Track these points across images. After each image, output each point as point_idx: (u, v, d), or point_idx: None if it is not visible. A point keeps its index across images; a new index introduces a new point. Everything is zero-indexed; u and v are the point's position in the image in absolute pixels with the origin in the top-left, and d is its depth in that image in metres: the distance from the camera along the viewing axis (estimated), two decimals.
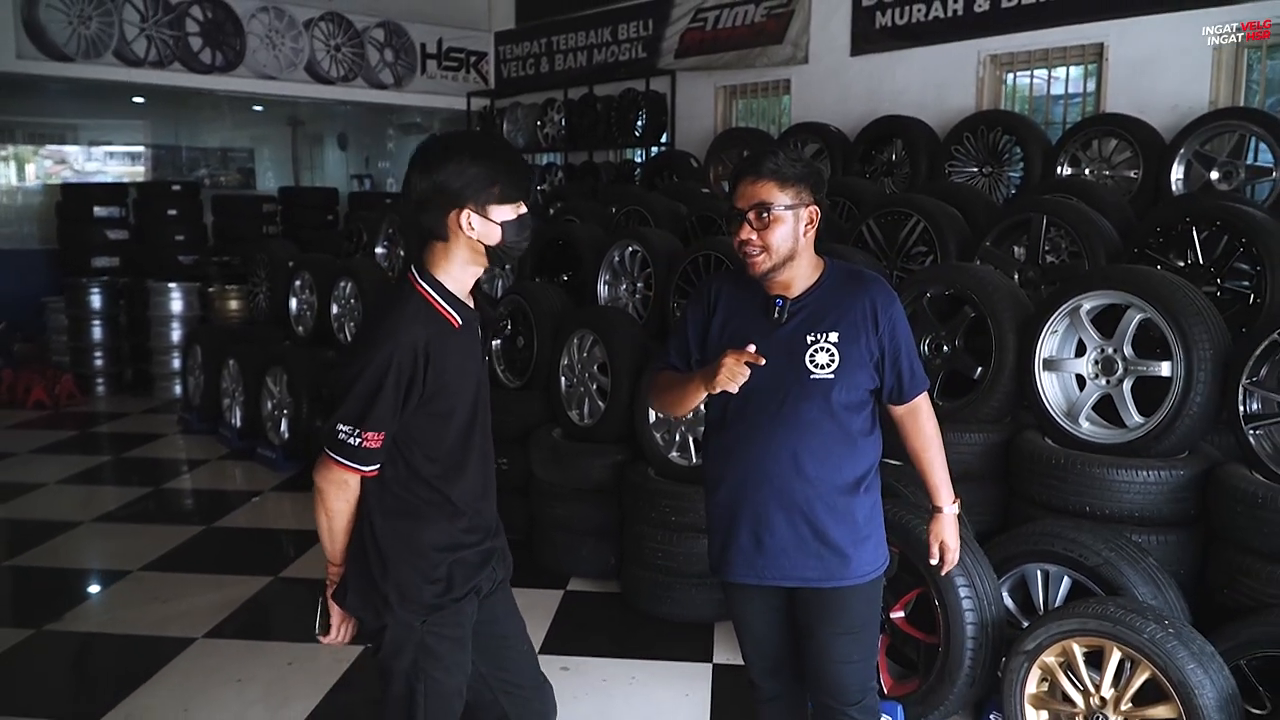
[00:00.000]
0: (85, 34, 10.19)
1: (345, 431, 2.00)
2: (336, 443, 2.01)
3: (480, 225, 2.01)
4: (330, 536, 2.13)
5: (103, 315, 9.37)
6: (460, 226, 2.00)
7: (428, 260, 2.08)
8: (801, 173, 2.24)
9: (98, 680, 3.80)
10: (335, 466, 2.04)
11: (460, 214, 1.99)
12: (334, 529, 2.12)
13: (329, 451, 2.03)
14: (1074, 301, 3.46)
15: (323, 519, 2.12)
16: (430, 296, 2.05)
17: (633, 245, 5.53)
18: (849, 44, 8.60)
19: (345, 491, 2.08)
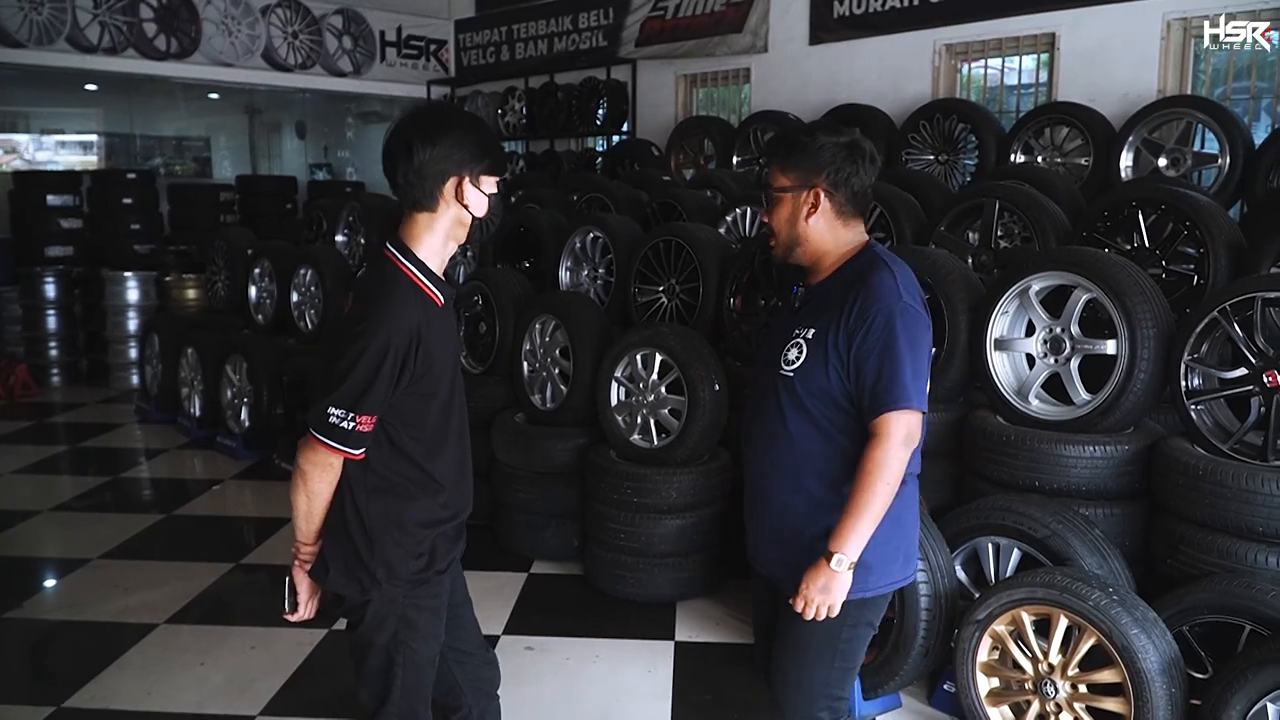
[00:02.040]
0: (37, 20, 10.00)
1: (338, 415, 1.97)
2: (327, 426, 1.98)
3: (473, 195, 2.06)
4: (308, 517, 2.11)
5: (57, 305, 9.23)
6: (453, 196, 2.04)
7: (406, 235, 2.08)
8: (803, 154, 2.15)
9: (60, 666, 3.78)
10: (323, 449, 2.01)
11: (459, 183, 2.03)
12: (313, 510, 2.10)
13: (318, 435, 2.00)
14: (1023, 283, 3.55)
15: (302, 500, 2.08)
16: (416, 277, 2.06)
17: (594, 231, 5.57)
18: (807, 33, 8.69)
19: (330, 474, 2.06)
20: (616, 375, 4.40)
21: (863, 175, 2.18)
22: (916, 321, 2.10)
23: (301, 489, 2.07)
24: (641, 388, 4.34)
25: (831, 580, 2.06)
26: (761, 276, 4.65)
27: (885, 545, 2.14)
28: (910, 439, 2.08)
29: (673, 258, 5.08)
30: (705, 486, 4.15)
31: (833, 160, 2.15)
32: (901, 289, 2.10)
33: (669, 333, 4.29)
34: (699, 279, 4.90)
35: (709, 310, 4.85)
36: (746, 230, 5.80)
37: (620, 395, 4.41)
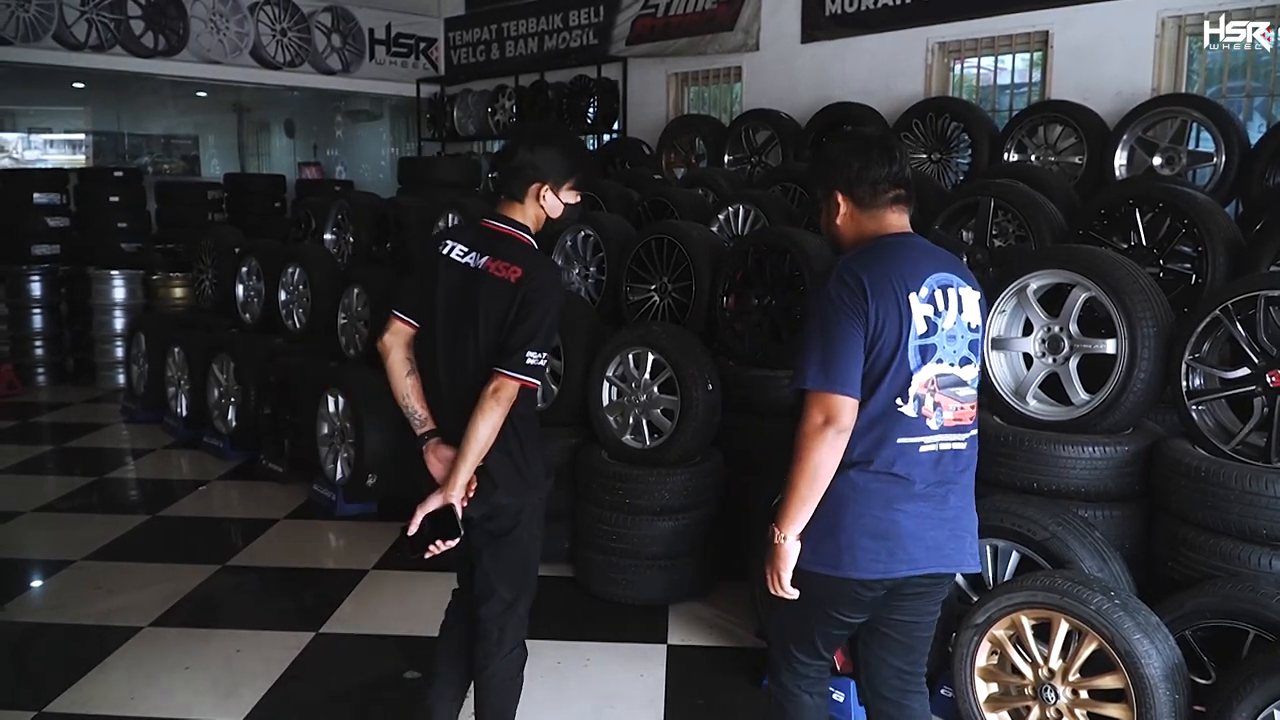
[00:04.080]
0: (24, 17, 9.94)
1: (535, 357, 2.45)
2: (527, 368, 2.45)
3: (550, 200, 2.58)
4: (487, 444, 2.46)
5: (43, 303, 9.12)
6: (536, 197, 2.57)
7: (508, 210, 2.59)
8: (820, 165, 2.37)
9: (43, 670, 3.70)
10: (516, 384, 2.45)
11: (540, 188, 2.55)
12: (491, 438, 2.47)
13: (519, 375, 2.44)
14: (1021, 281, 3.50)
15: (486, 431, 2.44)
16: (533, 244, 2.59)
17: (585, 230, 5.51)
18: (799, 31, 8.66)
19: (509, 406, 2.47)
20: (608, 375, 4.34)
21: (875, 167, 2.25)
22: (829, 305, 2.15)
23: (492, 421, 2.44)
24: (634, 387, 4.28)
25: (773, 552, 2.23)
26: (755, 275, 4.60)
27: (815, 527, 2.20)
28: (831, 421, 2.11)
29: (665, 256, 5.02)
30: (698, 487, 4.09)
31: (841, 163, 2.29)
32: (834, 277, 2.18)
33: (661, 332, 4.24)
34: (692, 278, 4.85)
35: (702, 309, 4.80)
36: (739, 229, 5.75)
37: (612, 395, 4.35)
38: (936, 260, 2.28)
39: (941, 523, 2.23)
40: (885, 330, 2.14)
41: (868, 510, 2.18)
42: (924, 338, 2.18)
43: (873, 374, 2.15)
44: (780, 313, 4.49)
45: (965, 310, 2.26)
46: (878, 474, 2.18)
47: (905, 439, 2.17)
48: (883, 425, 2.16)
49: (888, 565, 2.19)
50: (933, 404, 2.19)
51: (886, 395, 2.16)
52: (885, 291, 2.15)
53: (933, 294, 2.21)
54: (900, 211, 2.31)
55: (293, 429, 5.93)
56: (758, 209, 5.68)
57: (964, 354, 2.25)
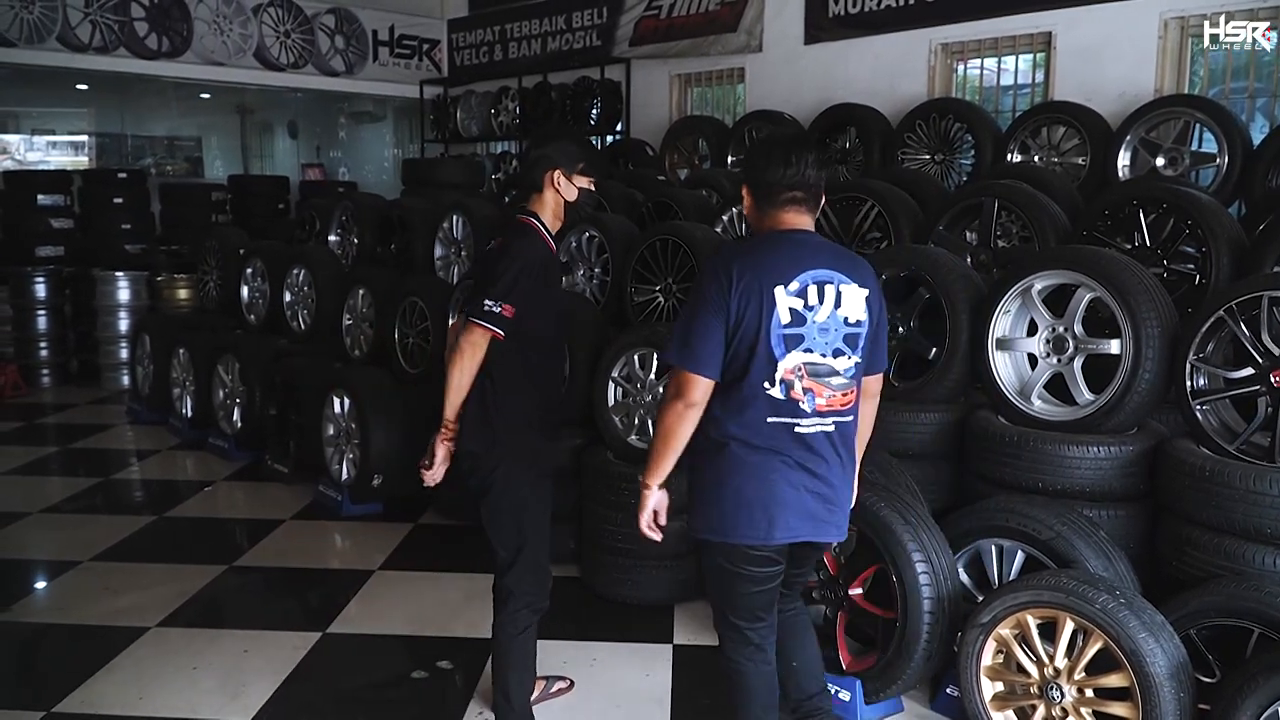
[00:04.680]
0: (28, 18, 9.95)
1: (491, 303, 2.78)
2: (483, 312, 2.78)
3: (564, 185, 2.95)
4: (458, 390, 2.85)
5: (48, 305, 9.14)
6: (552, 182, 2.93)
7: (530, 202, 2.99)
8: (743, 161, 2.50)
9: (49, 671, 3.71)
10: (478, 330, 2.80)
11: (554, 173, 2.93)
12: (462, 384, 2.85)
13: (476, 319, 2.78)
14: (1026, 282, 3.51)
15: (456, 374, 2.83)
16: (539, 228, 2.96)
17: (590, 231, 5.52)
18: (802, 33, 8.66)
19: (479, 353, 2.82)
20: (614, 375, 4.36)
21: (774, 169, 2.41)
22: (698, 295, 2.38)
23: (458, 363, 2.82)
24: (639, 388, 4.30)
25: (640, 499, 2.53)
26: None
27: (702, 498, 2.48)
28: (680, 395, 2.35)
29: (669, 257, 5.03)
30: None
31: (749, 162, 2.52)
32: (707, 270, 2.41)
33: (667, 333, 4.24)
34: None
35: None
36: (743, 230, 5.76)
37: (617, 395, 4.37)
38: (819, 257, 2.40)
39: (815, 495, 2.42)
40: (746, 320, 2.32)
41: (746, 483, 2.39)
42: (789, 328, 2.34)
43: (738, 359, 2.35)
44: None
45: (844, 305, 2.40)
46: (755, 449, 2.38)
47: (776, 419, 2.37)
48: (754, 406, 2.36)
49: (766, 533, 2.40)
50: (802, 389, 2.36)
51: (754, 379, 2.35)
52: (749, 284, 2.32)
53: (804, 288, 2.35)
54: (797, 211, 2.45)
55: (298, 430, 5.94)
56: None
57: (837, 345, 2.39)
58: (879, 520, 3.10)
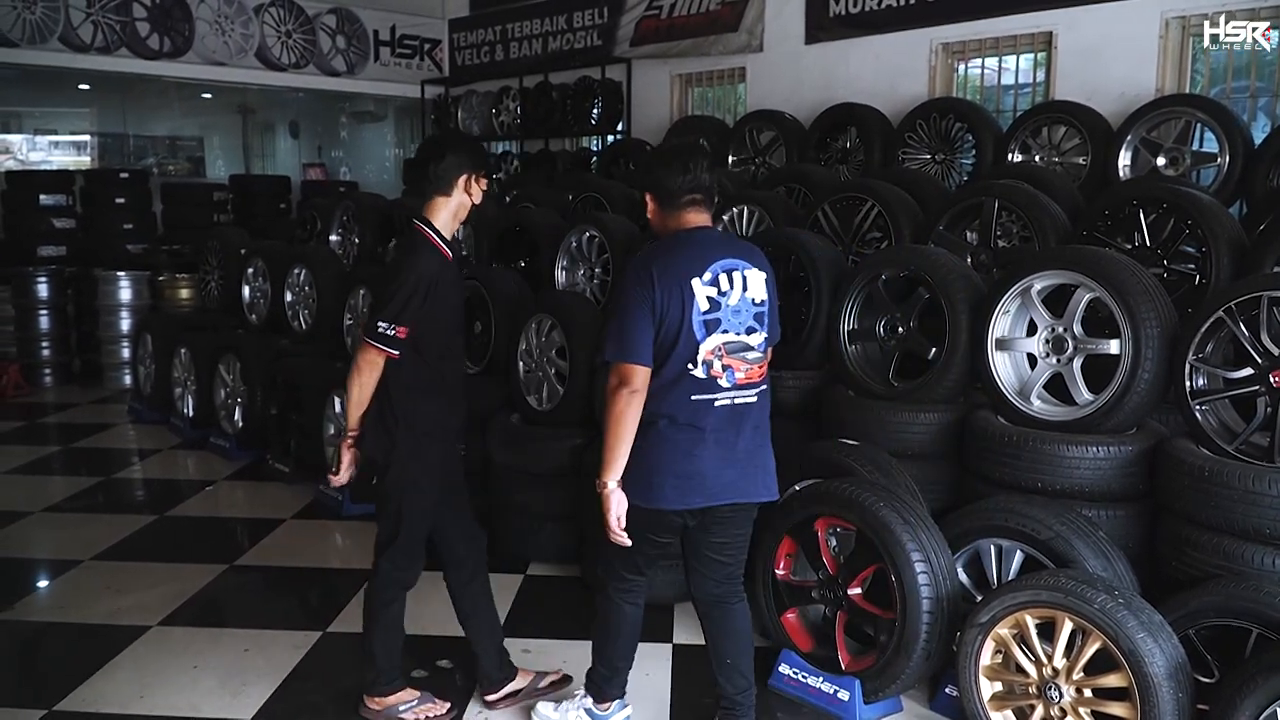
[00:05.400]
0: (30, 19, 9.96)
1: (384, 325, 2.90)
2: (378, 334, 2.91)
3: (475, 189, 3.08)
4: (358, 404, 3.02)
5: (50, 304, 9.15)
6: (464, 186, 3.05)
7: (428, 212, 3.06)
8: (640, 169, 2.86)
9: (51, 669, 3.72)
10: (373, 350, 2.94)
11: (469, 178, 3.05)
12: (362, 398, 3.01)
13: (370, 340, 2.92)
14: (1025, 282, 3.52)
15: (355, 389, 2.99)
16: (433, 239, 3.04)
17: (590, 231, 5.53)
18: (803, 32, 8.66)
19: (375, 371, 2.97)
20: None
21: (674, 176, 2.75)
22: (625, 294, 2.70)
23: (356, 380, 2.98)
24: None
25: (604, 500, 2.76)
26: None
27: (634, 470, 2.74)
28: (624, 384, 2.67)
29: None
30: None
31: (649, 169, 2.84)
32: (631, 271, 2.72)
33: None
34: None
35: None
36: (743, 230, 5.76)
37: None
38: (724, 249, 2.79)
39: (734, 463, 2.77)
40: (670, 311, 2.66)
41: (672, 456, 2.73)
42: (708, 314, 2.69)
43: (664, 347, 2.68)
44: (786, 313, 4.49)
45: (750, 288, 2.76)
46: (679, 425, 2.72)
47: (699, 396, 2.71)
48: (679, 387, 2.70)
49: (688, 499, 2.75)
50: (722, 366, 2.71)
51: (679, 362, 2.68)
52: (669, 280, 2.66)
53: (716, 277, 2.71)
54: (697, 211, 2.79)
55: (299, 429, 5.95)
56: (762, 210, 5.69)
57: (749, 324, 2.76)
58: (878, 520, 3.10)
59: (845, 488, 3.24)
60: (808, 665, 3.37)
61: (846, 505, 3.19)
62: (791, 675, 3.40)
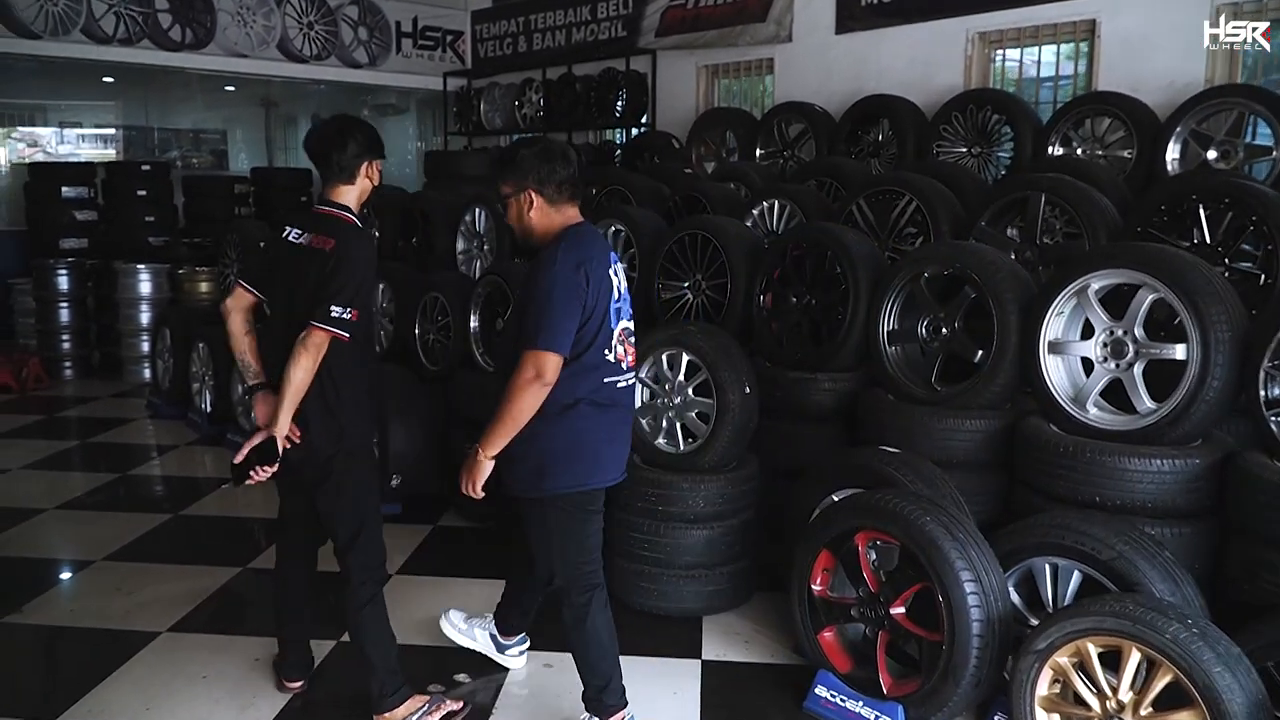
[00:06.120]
0: (53, 10, 9.90)
1: (338, 310, 2.89)
2: (332, 319, 2.89)
3: (374, 173, 3.13)
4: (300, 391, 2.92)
5: (70, 297, 9.09)
6: (366, 172, 3.11)
7: (334, 195, 3.09)
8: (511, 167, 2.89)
9: (57, 676, 3.59)
10: (323, 335, 2.89)
11: (369, 164, 3.11)
12: (306, 385, 2.93)
13: (322, 324, 2.88)
14: (1082, 281, 3.30)
15: (300, 376, 2.90)
16: (354, 221, 3.09)
17: (616, 225, 5.36)
18: (833, 22, 8.45)
19: (320, 355, 2.91)
20: (640, 376, 4.17)
21: (559, 170, 2.88)
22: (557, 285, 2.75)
23: (303, 366, 2.89)
24: (667, 389, 4.12)
25: (475, 466, 2.85)
26: (793, 273, 4.42)
27: (564, 455, 2.86)
28: (540, 375, 2.73)
29: (699, 253, 4.86)
30: (734, 495, 3.92)
31: (532, 166, 2.87)
32: (560, 262, 2.78)
33: (696, 332, 4.07)
34: (727, 275, 4.67)
35: (737, 308, 4.63)
36: (773, 225, 5.57)
37: (644, 397, 4.19)
38: (605, 241, 3.06)
39: (627, 439, 3.05)
40: (598, 300, 2.82)
41: (600, 432, 2.90)
42: (617, 302, 2.91)
43: (588, 333, 2.81)
44: (820, 313, 4.31)
45: (623, 278, 3.00)
46: (600, 405, 2.88)
47: (610, 378, 2.90)
48: (599, 370, 2.86)
49: (619, 470, 3.01)
50: (623, 350, 2.94)
51: (599, 347, 2.85)
52: (597, 271, 2.82)
53: (613, 266, 2.93)
54: (574, 204, 2.96)
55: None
56: (793, 204, 5.50)
57: (630, 311, 3.01)
58: (924, 535, 2.90)
59: (888, 500, 3.05)
60: (846, 688, 3.17)
61: (890, 518, 2.99)
62: (829, 698, 3.20)
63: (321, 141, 3.07)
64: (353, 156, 3.06)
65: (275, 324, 3.10)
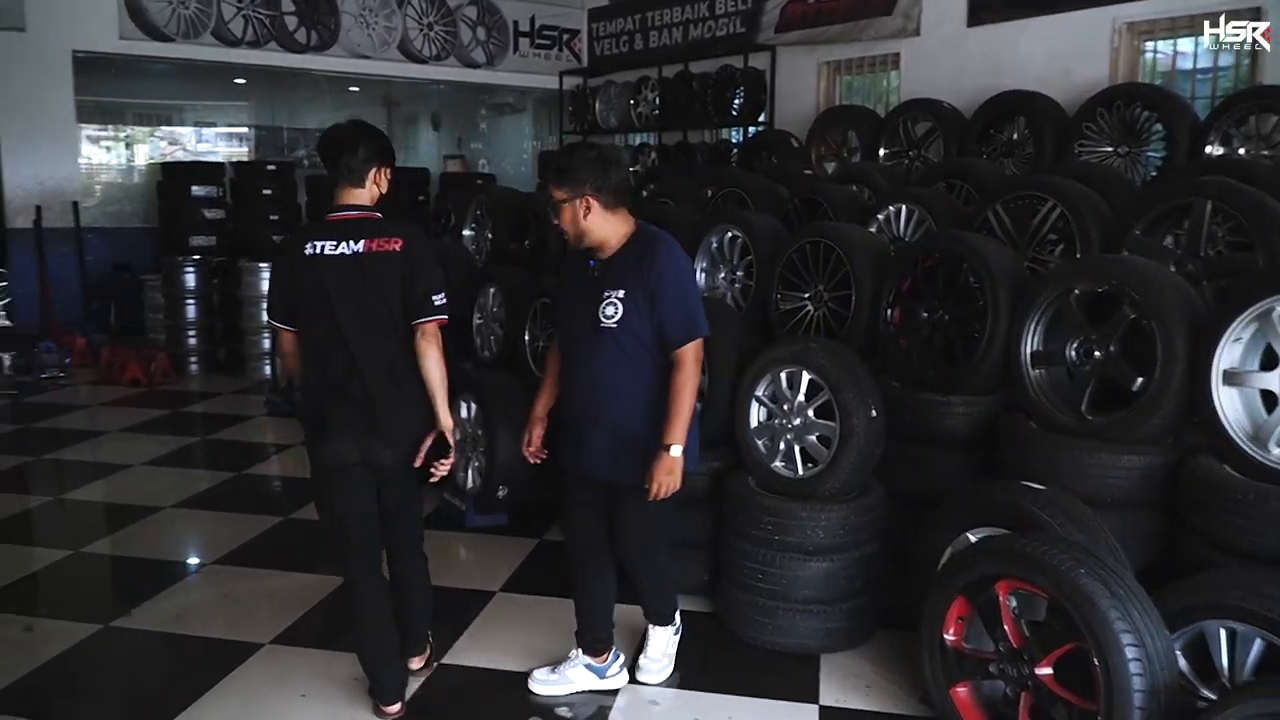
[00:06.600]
0: (185, 14, 10.22)
1: (439, 299, 3.07)
2: (438, 308, 3.06)
3: (382, 180, 3.18)
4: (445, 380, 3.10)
5: (196, 294, 9.34)
6: (373, 179, 3.15)
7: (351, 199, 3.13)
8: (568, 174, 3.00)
9: (158, 688, 3.54)
10: (434, 325, 3.06)
11: (378, 171, 3.15)
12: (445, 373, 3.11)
13: (434, 317, 3.05)
14: (1267, 304, 2.91)
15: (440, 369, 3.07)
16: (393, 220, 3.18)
17: (733, 230, 5.11)
18: (965, 14, 8.06)
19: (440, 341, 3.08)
20: (757, 394, 3.93)
21: (615, 176, 3.02)
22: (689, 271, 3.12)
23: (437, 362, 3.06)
24: (785, 409, 3.86)
25: (675, 465, 2.98)
26: (925, 286, 4.10)
27: (693, 439, 3.07)
28: (698, 359, 3.02)
29: (821, 261, 4.58)
30: (856, 525, 3.64)
31: (590, 173, 2.98)
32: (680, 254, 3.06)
33: (818, 349, 3.79)
34: (851, 286, 4.38)
35: (862, 322, 4.33)
36: (900, 231, 5.24)
37: (761, 416, 3.94)
38: None
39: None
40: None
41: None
42: None
43: None
44: (954, 329, 3.98)
45: None
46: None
47: None
48: None
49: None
50: None
51: None
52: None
53: None
54: (628, 208, 3.10)
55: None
56: (922, 209, 5.16)
57: None
58: (1078, 590, 2.58)
59: (1036, 547, 2.73)
60: None
61: (1038, 568, 2.68)
62: None
63: (333, 144, 3.12)
64: (362, 161, 3.09)
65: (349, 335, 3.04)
